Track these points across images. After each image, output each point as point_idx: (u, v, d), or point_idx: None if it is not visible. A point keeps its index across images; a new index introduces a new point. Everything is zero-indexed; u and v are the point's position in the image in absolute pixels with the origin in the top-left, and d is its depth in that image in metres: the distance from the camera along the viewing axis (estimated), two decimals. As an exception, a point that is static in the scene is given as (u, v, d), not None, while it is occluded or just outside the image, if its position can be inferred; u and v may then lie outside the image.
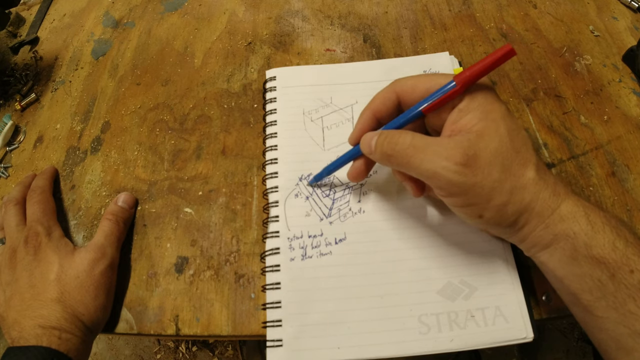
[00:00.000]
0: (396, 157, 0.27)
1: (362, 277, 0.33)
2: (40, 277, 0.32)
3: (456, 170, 0.25)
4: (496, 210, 0.25)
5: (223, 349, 0.98)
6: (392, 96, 0.30)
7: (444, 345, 0.30)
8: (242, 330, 0.32)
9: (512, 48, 0.25)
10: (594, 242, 0.24)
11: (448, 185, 0.25)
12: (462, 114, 0.26)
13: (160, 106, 0.44)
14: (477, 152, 0.25)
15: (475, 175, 0.25)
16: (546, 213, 0.25)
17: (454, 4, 0.48)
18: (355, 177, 0.33)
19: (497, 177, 0.25)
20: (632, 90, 0.40)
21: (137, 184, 0.39)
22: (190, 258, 0.35)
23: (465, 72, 0.26)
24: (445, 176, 0.25)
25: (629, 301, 0.23)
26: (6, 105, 0.47)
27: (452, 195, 0.26)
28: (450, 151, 0.25)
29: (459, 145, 0.25)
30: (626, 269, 0.23)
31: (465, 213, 0.27)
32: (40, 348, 0.28)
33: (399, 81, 0.30)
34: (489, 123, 0.25)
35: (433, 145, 0.26)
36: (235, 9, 0.50)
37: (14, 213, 0.36)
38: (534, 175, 0.25)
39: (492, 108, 0.26)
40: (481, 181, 0.25)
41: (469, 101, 0.26)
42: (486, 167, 0.25)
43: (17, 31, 0.54)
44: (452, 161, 0.25)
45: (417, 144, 0.26)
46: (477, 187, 0.25)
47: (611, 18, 0.46)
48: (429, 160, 0.25)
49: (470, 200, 0.26)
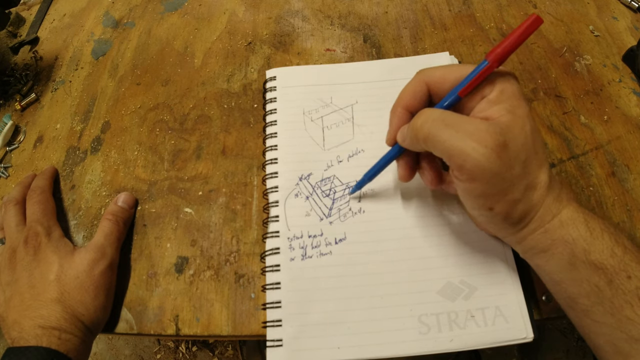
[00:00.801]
0: (423, 130, 0.26)
1: (362, 277, 0.33)
2: (40, 277, 0.32)
3: (485, 154, 0.23)
4: (508, 205, 0.25)
5: (223, 349, 0.98)
6: (422, 88, 0.29)
7: (444, 345, 0.30)
8: (242, 330, 0.32)
9: (538, 16, 0.24)
10: (593, 248, 0.24)
11: (474, 167, 0.24)
12: (491, 104, 0.26)
13: (160, 106, 0.44)
14: (507, 141, 0.24)
15: (503, 164, 0.24)
16: (547, 218, 0.25)
17: (454, 4, 0.48)
18: (405, 178, 0.31)
19: (518, 173, 0.25)
20: (632, 90, 0.40)
21: (137, 184, 0.39)
22: (190, 258, 0.35)
23: (496, 49, 0.25)
24: (474, 158, 0.24)
25: (625, 307, 0.23)
26: (6, 105, 0.47)
27: (472, 179, 0.25)
28: (482, 133, 0.24)
29: (491, 129, 0.24)
30: (624, 275, 0.23)
31: (478, 203, 0.26)
32: (40, 348, 0.28)
33: (425, 72, 0.29)
34: (516, 118, 0.25)
35: (466, 123, 0.25)
36: (235, 9, 0.50)
37: (13, 213, 0.36)
38: (546, 178, 0.25)
39: (519, 104, 0.25)
40: (504, 172, 0.24)
41: (499, 93, 0.25)
42: (512, 159, 0.24)
43: (17, 31, 0.54)
44: (483, 144, 0.24)
45: (447, 118, 0.25)
46: (498, 177, 0.24)
47: (611, 18, 0.46)
48: (459, 138, 0.24)
49: (488, 190, 0.25)
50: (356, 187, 0.35)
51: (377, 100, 0.40)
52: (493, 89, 0.26)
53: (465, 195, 0.27)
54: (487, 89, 0.26)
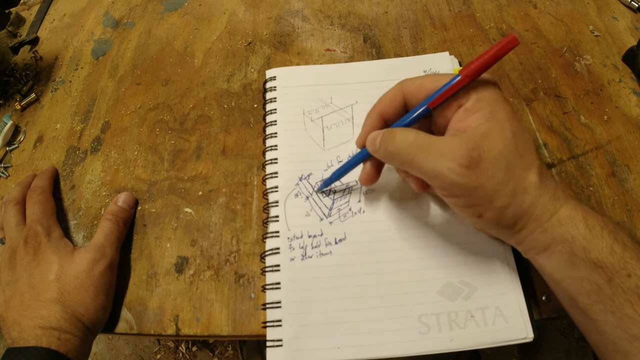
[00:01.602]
0: (399, 155, 0.27)
1: (362, 277, 0.33)
2: (40, 278, 0.32)
3: (460, 172, 0.25)
4: (497, 211, 0.25)
5: (223, 349, 0.98)
6: (398, 96, 0.29)
7: (444, 345, 0.30)
8: (242, 330, 0.32)
9: (515, 37, 0.24)
10: (592, 246, 0.24)
11: (451, 186, 0.25)
12: (468, 113, 0.26)
13: (160, 106, 0.44)
14: (482, 153, 0.25)
15: (479, 177, 0.25)
16: (545, 217, 0.25)
17: (454, 4, 0.48)
18: (366, 180, 0.32)
19: (500, 180, 0.25)
20: (632, 90, 0.40)
21: (137, 184, 0.39)
22: (190, 258, 0.35)
23: (470, 65, 0.25)
24: (449, 177, 0.25)
25: (626, 305, 0.23)
26: (6, 105, 0.47)
27: (454, 195, 0.26)
28: (455, 151, 0.25)
29: (463, 145, 0.25)
30: (623, 272, 0.23)
31: (466, 213, 0.27)
32: (40, 349, 0.28)
33: (405, 82, 0.29)
34: (494, 124, 0.25)
35: (437, 144, 0.26)
36: (235, 9, 0.50)
37: (13, 213, 0.36)
38: (536, 179, 0.25)
39: (499, 109, 0.26)
40: (484, 183, 0.25)
41: (476, 101, 0.26)
42: (490, 168, 0.25)
43: (17, 31, 0.54)
44: (456, 162, 0.24)
45: (421, 142, 0.26)
46: (479, 189, 0.25)
47: (611, 18, 0.46)
48: (432, 159, 0.25)
49: (472, 201, 0.26)
50: (324, 185, 0.35)
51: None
52: (469, 97, 0.26)
53: (453, 207, 0.28)
54: (463, 98, 0.26)
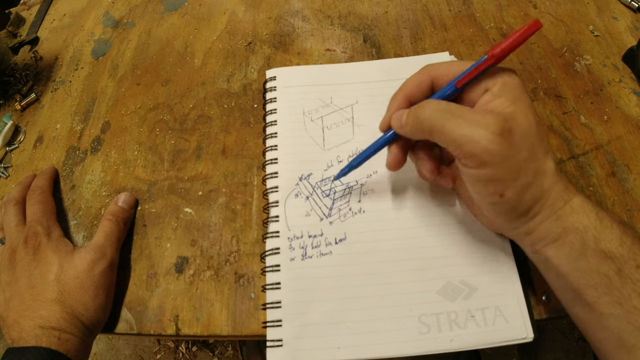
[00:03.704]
0: (430, 120, 0.27)
1: (362, 277, 0.33)
2: (40, 278, 0.32)
3: (493, 140, 0.25)
4: (519, 190, 0.26)
5: (223, 349, 0.98)
6: (426, 79, 0.30)
7: (444, 345, 0.30)
8: (242, 330, 0.32)
9: (538, 20, 0.25)
10: (603, 237, 0.25)
11: (483, 152, 0.25)
12: (494, 96, 0.27)
13: (160, 106, 0.44)
14: (513, 127, 0.25)
15: (511, 147, 0.25)
16: (559, 204, 0.26)
17: (454, 4, 0.48)
18: (394, 164, 0.31)
19: (526, 157, 0.25)
20: (632, 90, 0.40)
21: (137, 184, 0.39)
22: (190, 258, 0.35)
23: (497, 47, 0.26)
24: (482, 143, 0.25)
25: (634, 296, 0.23)
26: (6, 105, 0.47)
27: (482, 165, 0.25)
28: (489, 120, 0.25)
29: (496, 117, 0.25)
30: (633, 264, 0.24)
31: (487, 189, 0.26)
32: (40, 349, 0.28)
33: (432, 65, 0.30)
34: (519, 108, 0.26)
35: (471, 113, 0.26)
36: (235, 9, 0.50)
37: (13, 213, 0.36)
38: (554, 165, 0.26)
39: (521, 97, 0.26)
40: (513, 156, 0.25)
41: (502, 85, 0.26)
42: (519, 143, 0.25)
43: (17, 31, 0.54)
44: (490, 130, 0.25)
45: (454, 110, 0.26)
46: (508, 161, 0.25)
47: (611, 18, 0.46)
48: (466, 125, 0.25)
49: (498, 174, 0.25)
50: (342, 172, 0.34)
51: (377, 100, 0.40)
52: (496, 82, 0.27)
53: (475, 183, 0.27)
54: (490, 82, 0.27)
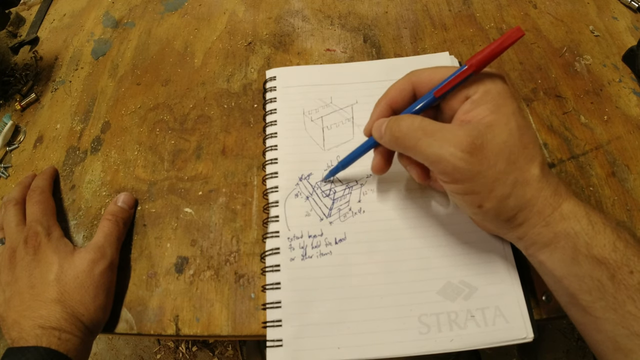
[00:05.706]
0: (403, 140, 0.27)
1: (362, 277, 0.33)
2: (40, 278, 0.32)
3: (462, 157, 0.25)
4: (497, 201, 0.26)
5: (223, 349, 0.98)
6: (408, 86, 0.30)
7: (444, 345, 0.30)
8: (242, 330, 0.32)
9: (520, 28, 0.25)
10: (595, 242, 0.24)
11: (453, 171, 0.25)
12: (474, 105, 0.26)
13: (160, 106, 0.44)
14: (485, 142, 0.25)
15: (481, 163, 0.25)
16: (547, 211, 0.25)
17: (454, 4, 0.48)
18: (377, 169, 0.32)
19: (502, 169, 0.25)
20: (632, 90, 0.40)
21: (137, 184, 0.39)
22: (190, 258, 0.35)
23: (476, 56, 0.26)
24: (451, 162, 0.25)
25: (628, 302, 0.23)
26: (6, 105, 0.47)
27: (455, 181, 0.26)
28: (459, 138, 0.25)
29: (467, 133, 0.25)
30: (626, 269, 0.23)
31: (466, 201, 0.27)
32: (40, 348, 0.28)
33: (414, 72, 0.30)
34: (500, 116, 0.26)
35: (442, 130, 0.26)
36: (235, 9, 0.50)
37: (13, 213, 0.36)
38: (539, 172, 0.26)
39: (505, 103, 0.26)
40: (485, 170, 0.25)
41: (483, 93, 0.26)
42: (492, 157, 0.25)
43: (17, 31, 0.54)
44: (459, 148, 0.25)
45: (426, 127, 0.26)
46: (480, 176, 0.25)
47: (611, 18, 0.46)
48: (436, 144, 0.26)
49: (472, 189, 0.26)
50: (330, 174, 0.35)
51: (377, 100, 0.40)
52: (478, 89, 0.27)
53: (453, 196, 0.28)
54: (472, 89, 0.27)
